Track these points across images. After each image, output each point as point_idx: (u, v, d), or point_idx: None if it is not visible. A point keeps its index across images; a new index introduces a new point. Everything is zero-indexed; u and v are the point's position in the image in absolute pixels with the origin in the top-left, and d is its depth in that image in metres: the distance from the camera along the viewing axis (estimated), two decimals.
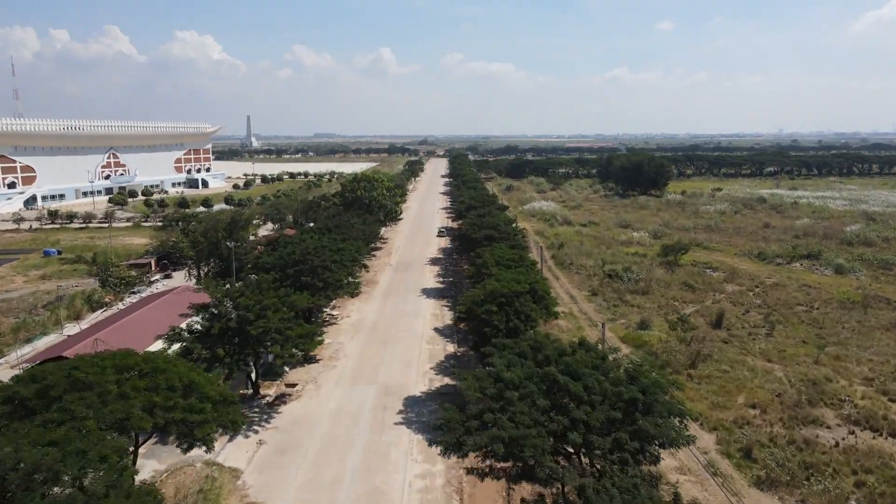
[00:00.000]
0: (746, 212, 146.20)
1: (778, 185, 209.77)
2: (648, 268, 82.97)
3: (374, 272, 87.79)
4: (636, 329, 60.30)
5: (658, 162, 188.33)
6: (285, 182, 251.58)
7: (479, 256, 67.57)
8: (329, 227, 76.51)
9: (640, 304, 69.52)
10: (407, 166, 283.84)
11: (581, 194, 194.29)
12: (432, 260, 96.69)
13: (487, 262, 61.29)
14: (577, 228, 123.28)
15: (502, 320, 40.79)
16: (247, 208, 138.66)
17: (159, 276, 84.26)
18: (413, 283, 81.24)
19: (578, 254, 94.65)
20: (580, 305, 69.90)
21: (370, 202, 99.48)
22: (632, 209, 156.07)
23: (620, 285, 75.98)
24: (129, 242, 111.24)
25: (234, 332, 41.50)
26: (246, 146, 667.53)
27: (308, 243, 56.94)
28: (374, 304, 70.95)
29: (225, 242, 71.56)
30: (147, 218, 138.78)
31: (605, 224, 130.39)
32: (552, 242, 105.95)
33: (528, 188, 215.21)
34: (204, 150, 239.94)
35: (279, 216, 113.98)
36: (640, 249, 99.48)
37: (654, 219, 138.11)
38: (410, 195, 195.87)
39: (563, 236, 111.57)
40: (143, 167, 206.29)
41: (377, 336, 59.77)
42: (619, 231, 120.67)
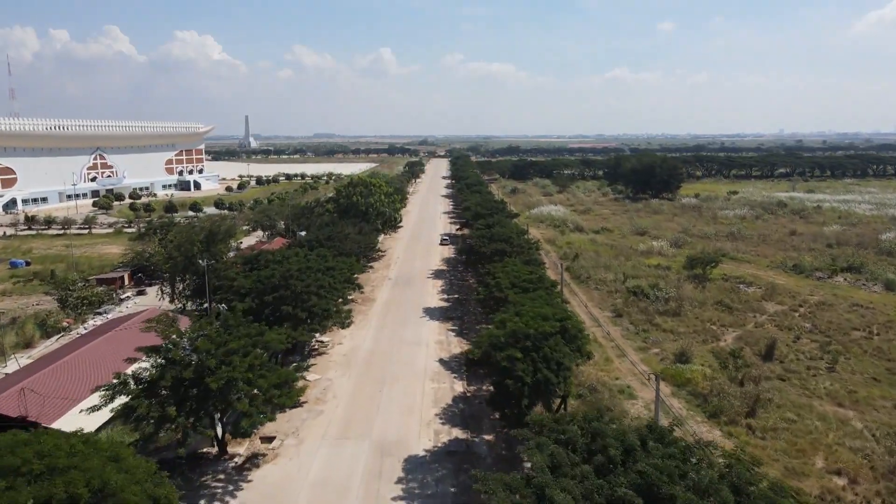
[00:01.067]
0: (768, 217, 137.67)
1: (794, 187, 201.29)
2: (677, 284, 74.40)
3: (370, 287, 79.29)
4: (674, 362, 51.79)
5: (670, 164, 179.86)
6: (281, 184, 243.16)
7: (491, 275, 59.07)
8: (320, 239, 68.07)
9: (673, 329, 61.00)
10: (407, 167, 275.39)
11: (590, 197, 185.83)
12: (435, 273, 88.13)
13: (501, 283, 52.78)
14: (590, 236, 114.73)
15: (528, 370, 32.23)
16: (232, 216, 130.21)
17: (131, 292, 75.74)
18: (414, 301, 72.71)
19: (596, 266, 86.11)
20: (605, 329, 61.34)
21: (367, 209, 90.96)
22: (645, 214, 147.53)
23: (647, 304, 67.46)
24: (107, 252, 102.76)
25: (192, 383, 33.01)
26: (244, 146, 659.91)
27: (291, 263, 48.34)
28: (371, 328, 62.38)
29: (201, 257, 63.10)
30: (130, 224, 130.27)
31: (619, 231, 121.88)
32: (565, 252, 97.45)
33: (534, 191, 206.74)
34: (196, 151, 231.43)
35: (269, 223, 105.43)
36: (663, 261, 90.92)
37: (670, 225, 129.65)
38: (411, 198, 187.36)
39: (576, 245, 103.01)
40: (131, 169, 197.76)
41: (373, 372, 51.22)
42: (636, 239, 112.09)
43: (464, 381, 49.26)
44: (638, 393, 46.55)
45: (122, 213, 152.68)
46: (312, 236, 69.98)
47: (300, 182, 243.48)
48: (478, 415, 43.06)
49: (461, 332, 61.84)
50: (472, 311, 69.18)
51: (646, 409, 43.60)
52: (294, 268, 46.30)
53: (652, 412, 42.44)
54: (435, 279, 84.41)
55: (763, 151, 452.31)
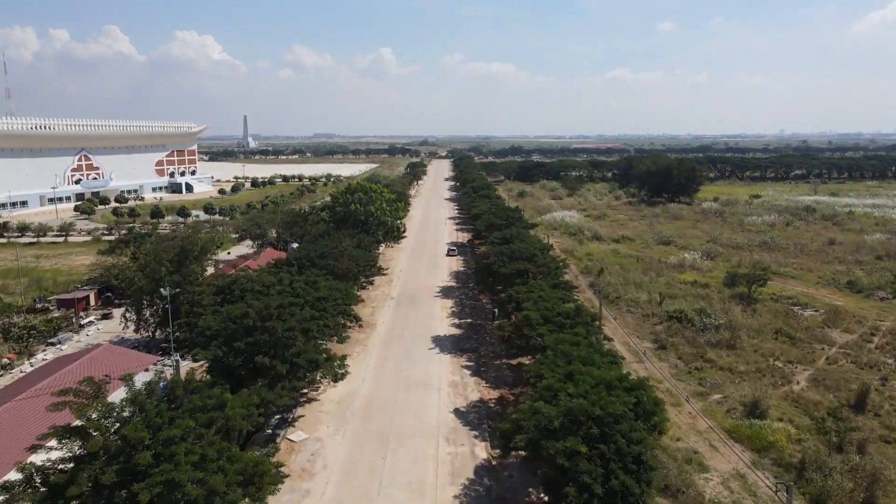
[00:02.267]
0: (799, 224, 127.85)
1: (816, 190, 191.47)
2: (724, 307, 64.59)
3: (370, 308, 69.51)
4: (745, 414, 42.00)
5: (688, 166, 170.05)
6: (277, 186, 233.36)
7: (514, 302, 49.39)
8: (311, 257, 58.31)
9: (731, 366, 51.22)
10: (408, 169, 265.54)
11: (602, 201, 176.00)
12: (443, 290, 78.28)
13: (531, 317, 42.98)
14: (610, 246, 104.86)
15: (597, 473, 22.42)
16: (212, 228, 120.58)
17: (95, 316, 65.92)
18: (421, 327, 62.90)
19: (625, 283, 76.33)
20: (649, 366, 51.58)
21: (367, 218, 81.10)
22: (664, 219, 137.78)
23: (694, 334, 57.65)
24: (80, 263, 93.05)
25: (118, 485, 23.25)
26: (242, 146, 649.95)
27: (272, 298, 38.33)
28: (371, 364, 52.57)
29: (170, 279, 53.40)
30: (110, 231, 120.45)
31: (641, 239, 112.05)
32: (586, 266, 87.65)
33: (542, 194, 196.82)
34: (189, 152, 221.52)
35: (259, 232, 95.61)
36: (699, 277, 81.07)
37: (694, 232, 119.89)
38: (413, 201, 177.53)
39: (598, 257, 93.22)
40: (119, 170, 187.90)
41: (373, 426, 41.42)
42: (662, 250, 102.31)
43: (487, 442, 39.45)
44: (709, 461, 36.78)
45: (104, 218, 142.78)
46: (303, 253, 60.15)
47: (297, 184, 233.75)
48: (510, 498, 33.30)
49: (478, 369, 52.05)
50: (488, 340, 59.41)
51: (724, 487, 33.86)
52: (274, 304, 36.41)
53: (736, 496, 32.70)
54: (443, 298, 74.58)
55: (771, 152, 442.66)
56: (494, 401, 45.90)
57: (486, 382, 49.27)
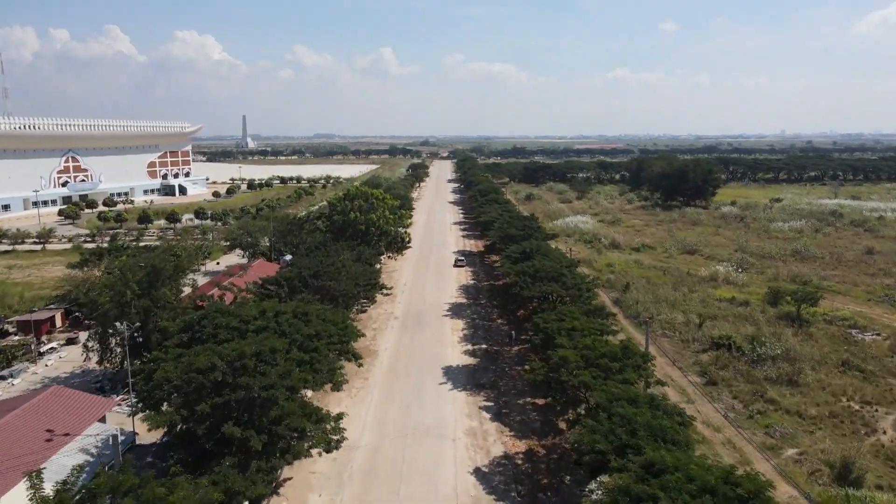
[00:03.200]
0: (829, 230, 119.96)
1: (836, 193, 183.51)
2: (777, 332, 56.73)
3: (372, 330, 61.69)
4: (834, 478, 34.14)
5: (705, 168, 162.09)
6: (275, 188, 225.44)
7: (542, 334, 41.58)
8: (303, 276, 50.47)
9: (798, 408, 43.36)
10: (410, 170, 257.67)
11: (613, 204, 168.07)
12: (452, 307, 70.41)
13: (568, 359, 35.12)
14: (632, 255, 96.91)
15: None
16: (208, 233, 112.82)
17: (58, 341, 58.02)
18: (430, 355, 55.04)
19: (655, 301, 68.43)
20: (701, 408, 43.68)
21: (367, 228, 73.19)
22: (682, 225, 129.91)
23: (748, 366, 49.80)
24: (54, 275, 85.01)
25: None
26: (241, 147, 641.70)
27: (248, 341, 30.20)
28: (372, 406, 44.71)
29: (137, 304, 45.62)
30: (93, 238, 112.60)
31: (662, 247, 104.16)
32: (608, 279, 79.75)
33: (550, 196, 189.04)
34: (183, 153, 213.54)
35: (250, 241, 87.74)
36: (737, 293, 73.15)
37: (717, 240, 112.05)
38: (416, 204, 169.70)
39: (620, 269, 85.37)
40: (109, 172, 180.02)
41: (375, 496, 33.56)
42: (687, 260, 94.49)
43: None
44: None
45: (90, 223, 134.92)
46: (295, 272, 52.21)
47: (295, 186, 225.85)
48: None
49: (499, 411, 44.18)
50: (507, 371, 51.58)
51: None
52: (251, 350, 28.45)
53: None
54: (453, 317, 66.69)
55: (778, 153, 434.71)
56: (522, 455, 38.10)
57: (510, 430, 41.41)
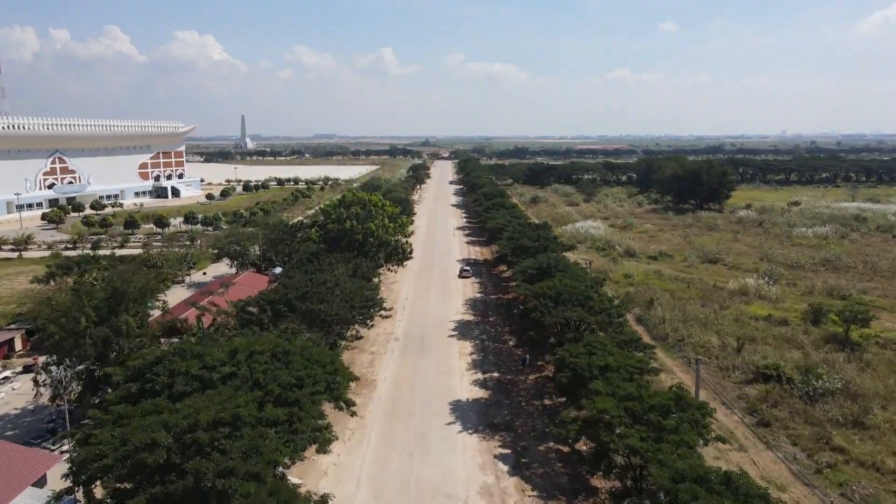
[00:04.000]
0: (855, 236, 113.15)
1: (853, 195, 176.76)
2: (828, 359, 49.98)
3: (369, 355, 55.02)
4: None
5: (720, 169, 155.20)
6: (271, 190, 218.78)
7: (570, 371, 34.88)
8: (289, 299, 43.72)
9: (873, 458, 36.60)
10: (411, 172, 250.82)
11: (623, 208, 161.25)
12: (458, 326, 63.67)
13: (610, 414, 28.32)
14: (650, 265, 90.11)
15: None
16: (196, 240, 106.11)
17: (12, 370, 51.22)
18: (435, 387, 48.31)
19: (683, 320, 61.63)
20: (756, 457, 36.95)
21: (364, 238, 66.34)
22: (699, 230, 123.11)
23: (803, 403, 43.05)
24: (27, 288, 78.36)
25: None
26: (240, 147, 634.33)
27: (207, 403, 23.24)
28: (368, 457, 37.95)
29: (93, 332, 38.94)
30: (74, 244, 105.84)
31: (680, 255, 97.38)
32: (628, 293, 72.91)
33: (556, 199, 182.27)
34: (176, 154, 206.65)
35: (239, 250, 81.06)
36: (772, 309, 66.35)
37: (738, 247, 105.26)
38: (417, 207, 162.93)
39: (640, 281, 78.65)
40: (98, 174, 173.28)
41: None
42: (708, 269, 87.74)
43: None
44: None
45: (75, 227, 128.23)
46: (280, 294, 45.43)
47: (292, 188, 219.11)
48: None
49: (517, 461, 37.44)
50: (525, 408, 44.87)
51: None
52: (206, 418, 21.60)
53: None
54: (460, 338, 59.94)
55: (784, 153, 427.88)
56: None
57: (532, 487, 34.68)
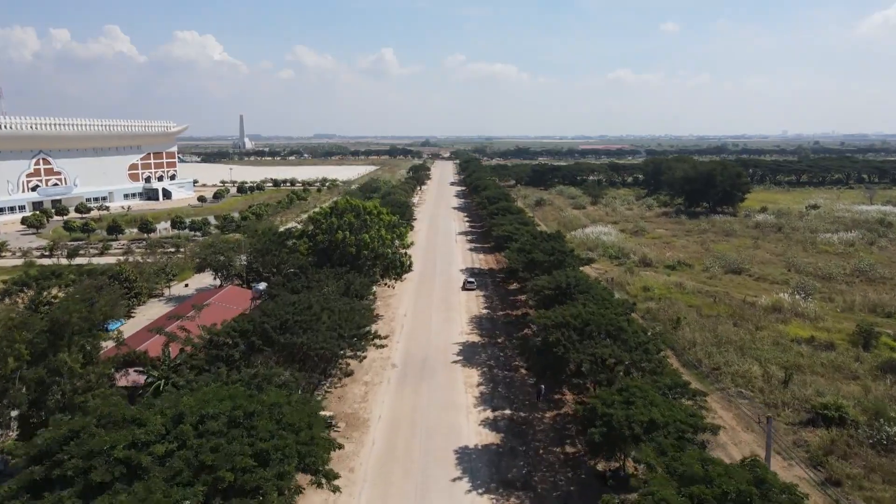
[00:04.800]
0: (883, 242, 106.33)
1: (871, 198, 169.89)
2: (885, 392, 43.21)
3: (362, 385, 48.31)
4: None
5: (733, 171, 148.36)
6: (267, 191, 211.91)
7: (603, 424, 28.20)
8: (266, 329, 36.94)
9: None
10: (411, 173, 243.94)
11: (632, 211, 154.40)
12: (464, 350, 56.88)
13: (670, 502, 21.50)
14: (670, 277, 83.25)
15: None
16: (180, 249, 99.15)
17: None
18: (438, 429, 41.50)
19: (716, 343, 54.84)
20: None
21: (358, 251, 59.36)
22: (716, 236, 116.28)
23: (878, 453, 36.28)
24: None
25: None
26: (238, 147, 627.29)
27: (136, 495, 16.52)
28: None
29: (25, 375, 32.21)
30: (50, 252, 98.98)
31: (700, 264, 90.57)
32: (649, 309, 66.10)
33: (561, 201, 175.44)
34: (168, 154, 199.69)
35: (222, 261, 74.22)
36: (813, 330, 59.51)
37: (760, 254, 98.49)
38: (417, 210, 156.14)
39: (660, 295, 71.86)
40: (85, 175, 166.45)
41: None
42: (732, 280, 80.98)
43: None
44: None
45: (55, 232, 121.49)
46: (256, 324, 38.56)
47: (288, 189, 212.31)
48: None
49: None
50: (544, 457, 38.04)
51: None
52: None
53: None
54: (465, 365, 53.16)
55: (788, 153, 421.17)
56: None
57: None
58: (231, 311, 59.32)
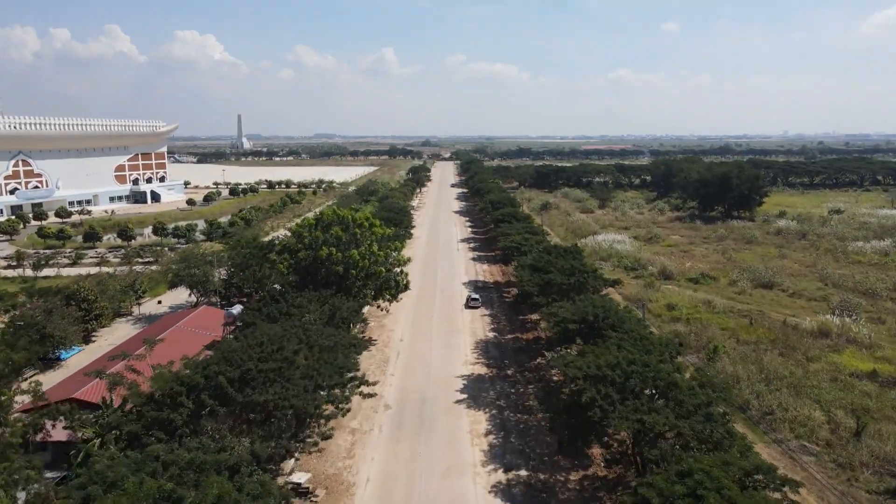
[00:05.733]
0: None
1: (894, 200, 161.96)
2: None
3: (349, 434, 40.51)
4: None
5: (750, 173, 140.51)
6: (260, 194, 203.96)
7: None
8: (222, 383, 29.20)
9: None
10: (410, 174, 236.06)
11: (643, 215, 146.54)
12: (468, 386, 49.03)
13: None
14: (695, 292, 75.34)
15: None
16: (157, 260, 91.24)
17: None
18: (438, 500, 33.69)
19: (763, 378, 46.99)
20: None
21: (346, 269, 51.28)
22: (736, 244, 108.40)
23: None
24: None
25: None
26: (236, 147, 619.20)
27: None
28: None
29: None
30: (19, 262, 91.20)
31: (725, 276, 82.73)
32: (677, 332, 58.19)
33: (567, 204, 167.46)
34: (157, 155, 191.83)
35: (198, 277, 66.37)
36: (875, 361, 51.60)
37: (787, 264, 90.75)
38: (416, 214, 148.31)
39: (687, 314, 63.98)
40: (68, 177, 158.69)
41: None
42: (765, 296, 73.13)
43: None
44: None
45: (30, 239, 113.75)
46: (210, 376, 30.76)
47: (283, 191, 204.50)
48: None
49: None
50: None
51: None
52: None
53: None
54: (471, 406, 45.33)
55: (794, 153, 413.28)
56: None
57: None
58: (201, 339, 51.66)
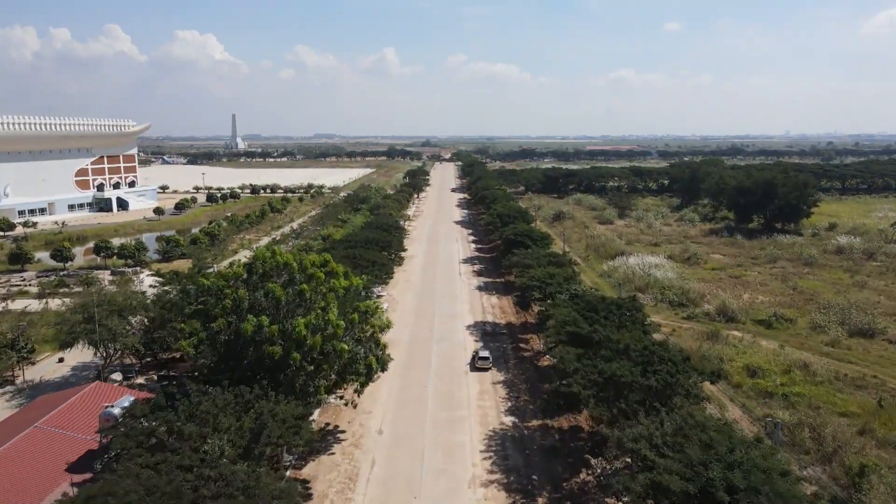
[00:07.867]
0: None
1: None
2: None
3: None
4: None
5: (798, 180, 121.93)
6: (242, 200, 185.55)
7: None
8: None
9: None
10: (407, 179, 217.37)
11: (671, 227, 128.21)
12: None
13: None
14: (771, 341, 56.88)
15: None
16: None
17: None
18: None
19: None
20: None
21: (287, 351, 31.86)
22: (793, 265, 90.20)
23: None
24: None
25: None
26: (230, 147, 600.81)
27: None
28: None
29: None
30: None
31: (803, 316, 64.49)
32: (775, 422, 39.93)
33: (582, 214, 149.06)
34: (126, 158, 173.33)
35: (103, 335, 47.80)
36: None
37: (870, 296, 72.78)
38: (412, 227, 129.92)
39: (784, 390, 45.70)
40: (21, 183, 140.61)
41: None
42: (870, 349, 54.91)
43: None
44: None
45: None
46: None
47: (267, 197, 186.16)
48: None
49: None
50: None
51: None
52: None
53: None
54: None
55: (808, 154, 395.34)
56: None
57: None
58: (64, 455, 33.46)
